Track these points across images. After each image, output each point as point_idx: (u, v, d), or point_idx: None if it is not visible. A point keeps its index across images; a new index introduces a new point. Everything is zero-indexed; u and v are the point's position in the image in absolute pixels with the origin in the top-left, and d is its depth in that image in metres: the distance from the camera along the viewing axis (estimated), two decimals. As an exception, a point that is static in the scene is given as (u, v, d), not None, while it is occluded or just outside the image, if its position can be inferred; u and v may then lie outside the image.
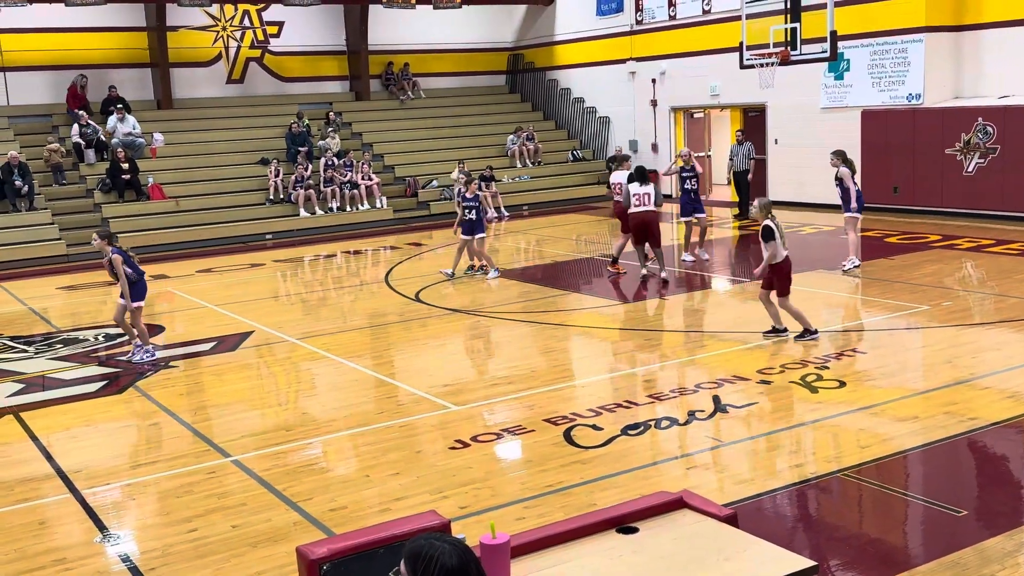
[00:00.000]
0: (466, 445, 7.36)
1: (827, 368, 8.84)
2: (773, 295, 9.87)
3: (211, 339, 11.46)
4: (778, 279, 9.78)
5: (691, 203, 14.74)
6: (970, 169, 17.24)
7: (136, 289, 10.47)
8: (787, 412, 7.77)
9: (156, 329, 12.09)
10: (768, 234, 9.62)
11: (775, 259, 9.67)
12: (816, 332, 9.81)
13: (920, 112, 18.08)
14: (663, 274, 13.34)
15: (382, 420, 8.13)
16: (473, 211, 14.11)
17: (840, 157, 13.17)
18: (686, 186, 14.75)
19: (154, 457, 7.60)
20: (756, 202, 10.15)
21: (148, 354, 10.52)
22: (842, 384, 8.36)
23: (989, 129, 17.00)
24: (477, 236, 14.17)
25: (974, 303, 11.33)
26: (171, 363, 10.44)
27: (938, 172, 17.80)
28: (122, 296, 10.45)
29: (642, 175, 13.38)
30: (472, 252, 14.56)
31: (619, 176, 14.45)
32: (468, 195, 14.23)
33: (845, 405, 7.87)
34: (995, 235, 15.56)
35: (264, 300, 14.22)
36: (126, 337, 10.91)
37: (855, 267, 13.21)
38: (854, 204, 13.11)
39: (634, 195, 13.18)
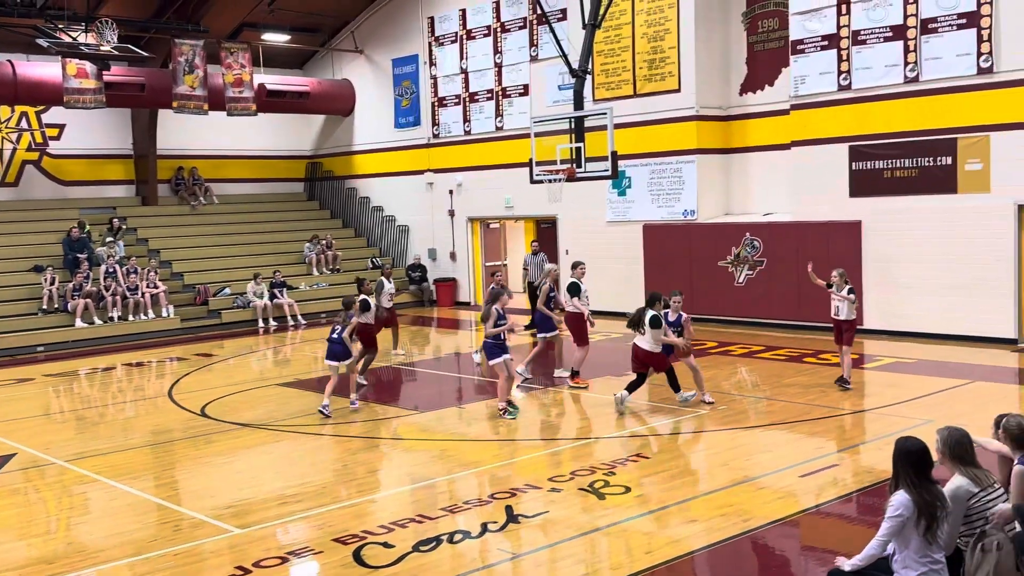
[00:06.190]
0: (247, 572, 6.95)
1: (613, 474, 9.07)
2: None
3: (-35, 464, 10.40)
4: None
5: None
6: (740, 280, 18.57)
7: None
8: (578, 519, 7.87)
9: (-101, 454, 10.84)
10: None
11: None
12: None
13: (695, 227, 19.42)
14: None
15: (157, 547, 7.58)
16: None
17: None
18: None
19: None
20: (835, 272, 12.33)
21: None
22: (628, 489, 8.59)
23: (756, 243, 18.46)
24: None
25: (748, 406, 12.04)
26: (-85, 493, 9.35)
27: (712, 282, 19.06)
28: None
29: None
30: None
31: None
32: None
33: (631, 510, 8.08)
34: (765, 342, 16.72)
35: (32, 418, 13.11)
36: None
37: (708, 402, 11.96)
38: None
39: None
